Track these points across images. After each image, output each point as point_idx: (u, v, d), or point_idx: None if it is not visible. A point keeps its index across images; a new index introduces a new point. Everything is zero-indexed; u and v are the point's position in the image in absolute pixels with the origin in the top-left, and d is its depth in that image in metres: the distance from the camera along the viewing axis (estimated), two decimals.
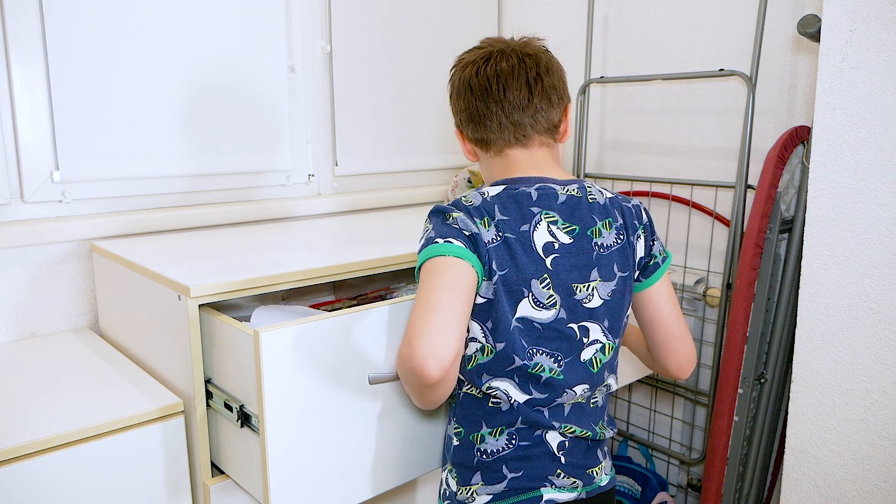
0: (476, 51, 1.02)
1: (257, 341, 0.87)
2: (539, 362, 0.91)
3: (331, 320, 0.94)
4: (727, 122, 1.63)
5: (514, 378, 0.91)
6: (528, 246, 0.90)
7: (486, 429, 0.93)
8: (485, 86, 0.97)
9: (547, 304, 0.91)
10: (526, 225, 0.91)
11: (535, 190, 0.94)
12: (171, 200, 1.49)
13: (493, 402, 0.93)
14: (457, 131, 1.05)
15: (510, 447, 0.92)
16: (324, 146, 1.74)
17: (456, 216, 0.90)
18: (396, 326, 0.99)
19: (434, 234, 0.90)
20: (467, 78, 0.99)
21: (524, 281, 0.90)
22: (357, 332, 0.96)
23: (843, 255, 1.11)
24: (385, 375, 0.98)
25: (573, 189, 0.95)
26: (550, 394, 0.92)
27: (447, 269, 0.86)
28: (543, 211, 0.92)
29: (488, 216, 0.90)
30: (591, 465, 0.96)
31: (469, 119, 0.99)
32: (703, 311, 1.70)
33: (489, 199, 0.92)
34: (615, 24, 1.83)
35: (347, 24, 1.73)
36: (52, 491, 0.92)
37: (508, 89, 0.96)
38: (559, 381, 0.92)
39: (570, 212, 0.94)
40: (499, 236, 0.90)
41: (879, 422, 1.11)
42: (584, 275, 0.93)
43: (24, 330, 1.33)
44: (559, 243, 0.92)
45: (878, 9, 1.03)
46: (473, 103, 0.98)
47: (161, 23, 1.42)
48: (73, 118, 1.34)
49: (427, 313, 0.83)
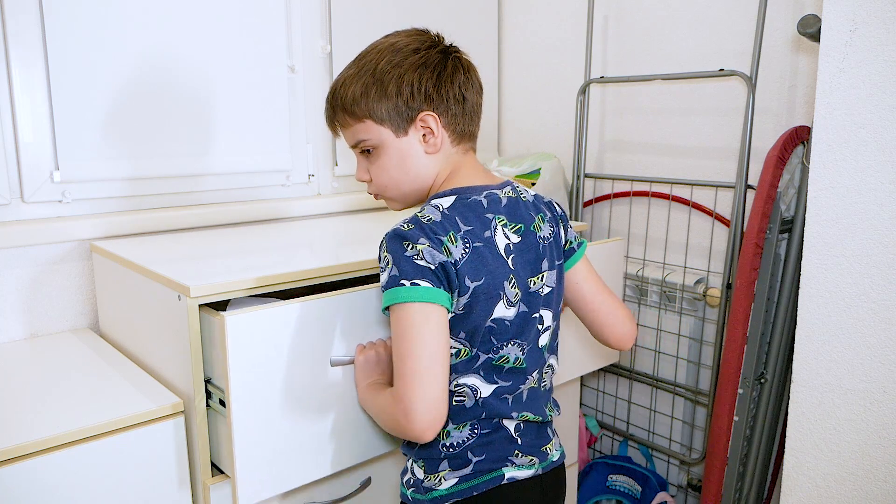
0: (419, 36, 0.98)
1: (222, 325, 0.92)
2: (505, 354, 0.93)
3: (294, 306, 0.98)
4: (727, 122, 1.63)
5: (480, 372, 0.93)
6: (495, 251, 0.92)
7: (451, 426, 0.94)
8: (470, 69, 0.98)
9: (514, 302, 0.93)
10: (487, 231, 0.92)
11: (483, 197, 0.95)
12: (171, 200, 1.49)
13: (458, 399, 0.94)
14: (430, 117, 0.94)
15: (474, 436, 0.94)
16: (324, 146, 1.74)
17: (420, 248, 0.86)
18: (356, 313, 1.04)
19: (398, 274, 0.86)
20: (456, 60, 0.96)
21: (499, 285, 0.91)
22: (319, 318, 1.00)
23: (843, 255, 1.11)
24: (344, 359, 1.03)
25: (508, 191, 0.98)
26: (514, 381, 0.95)
27: (425, 326, 0.85)
28: (496, 216, 0.94)
29: (453, 230, 0.89)
30: (544, 443, 1.00)
31: (464, 105, 0.96)
32: (703, 311, 1.69)
33: (446, 211, 0.91)
34: (615, 24, 1.83)
35: (347, 24, 1.73)
36: (52, 491, 0.92)
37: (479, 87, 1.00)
38: (522, 369, 0.95)
39: (513, 212, 0.96)
40: (467, 249, 0.89)
41: (879, 422, 1.11)
42: (536, 268, 0.96)
43: (24, 330, 1.33)
44: (513, 243, 0.94)
45: (878, 9, 1.03)
46: (469, 88, 0.96)
47: (161, 23, 1.42)
48: (73, 118, 1.34)
49: (420, 387, 0.85)
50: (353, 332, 1.04)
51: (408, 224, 0.89)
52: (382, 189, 1.01)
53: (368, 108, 0.94)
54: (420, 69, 0.93)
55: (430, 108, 0.94)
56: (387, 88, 0.93)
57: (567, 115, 1.96)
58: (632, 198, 1.84)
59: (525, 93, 2.08)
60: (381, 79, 0.93)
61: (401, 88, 0.93)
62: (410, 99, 0.93)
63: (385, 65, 0.94)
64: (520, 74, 2.08)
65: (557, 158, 1.87)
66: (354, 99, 0.95)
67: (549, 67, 2.00)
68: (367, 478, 1.22)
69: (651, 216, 1.80)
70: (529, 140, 2.08)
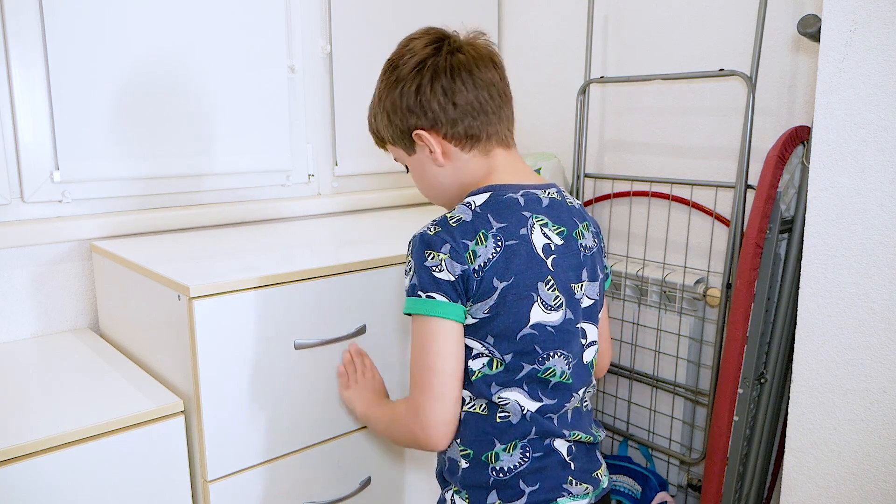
0: (429, 37, 0.93)
1: (190, 308, 0.97)
2: (551, 366, 0.89)
3: (262, 291, 1.04)
4: (727, 122, 1.63)
5: (524, 386, 0.88)
6: (530, 249, 0.88)
7: (499, 446, 0.88)
8: (483, 67, 0.90)
9: (554, 306, 0.89)
10: (523, 228, 0.88)
11: (520, 196, 0.91)
12: (170, 200, 1.49)
13: (502, 415, 0.88)
14: (423, 133, 0.91)
15: (525, 461, 0.88)
16: (324, 146, 1.74)
17: (442, 258, 0.84)
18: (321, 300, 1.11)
19: (417, 283, 0.86)
20: (461, 61, 0.89)
21: (531, 286, 0.87)
22: (286, 302, 1.07)
23: (843, 255, 1.11)
24: (308, 342, 1.09)
25: (552, 192, 0.94)
26: (560, 399, 0.90)
27: (442, 341, 0.86)
28: (534, 215, 0.90)
29: (483, 229, 0.86)
30: (596, 468, 0.95)
31: (467, 109, 0.89)
32: (703, 311, 1.69)
33: (478, 209, 0.88)
34: (615, 24, 1.83)
35: (347, 24, 1.73)
36: (53, 491, 0.91)
37: (503, 78, 0.93)
38: (568, 384, 0.90)
39: (556, 214, 0.92)
40: (498, 247, 0.86)
41: (879, 422, 1.11)
42: (577, 275, 0.92)
43: (24, 330, 1.33)
44: (554, 244, 0.90)
45: (878, 9, 1.03)
46: (472, 88, 0.89)
47: (161, 22, 1.42)
48: (73, 118, 1.34)
49: (438, 401, 0.87)
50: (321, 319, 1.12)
51: (434, 227, 0.87)
52: (426, 196, 1.03)
53: (382, 134, 0.98)
54: (400, 86, 0.91)
55: (419, 123, 0.92)
56: (382, 114, 0.95)
57: (567, 115, 1.96)
58: (632, 198, 1.84)
59: (525, 93, 2.08)
60: (379, 105, 0.96)
61: (390, 113, 0.93)
62: (399, 120, 0.93)
63: (380, 90, 0.96)
64: (520, 74, 2.08)
65: (557, 158, 1.87)
66: (372, 127, 1.00)
67: (549, 67, 2.00)
68: (366, 477, 1.22)
69: (651, 216, 1.80)
70: (529, 140, 2.08)
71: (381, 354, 1.20)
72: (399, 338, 1.23)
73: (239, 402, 1.05)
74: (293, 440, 1.12)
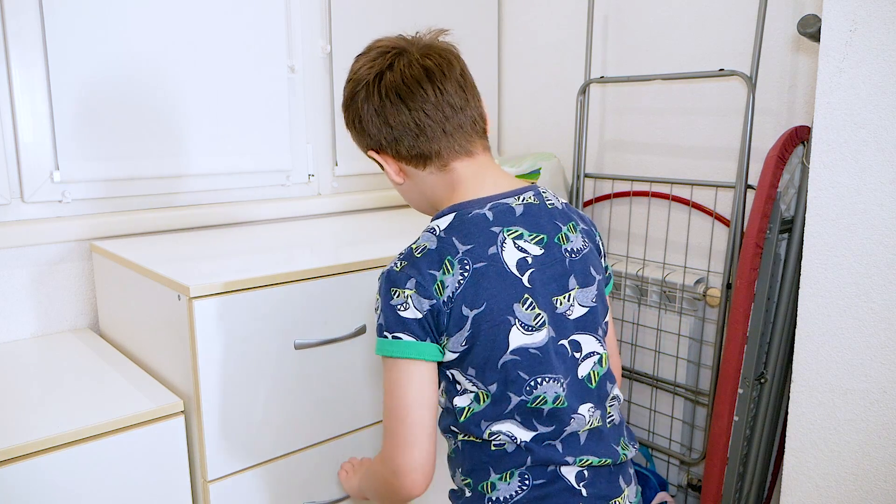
0: (375, 51, 0.88)
1: (190, 308, 0.97)
2: (541, 394, 0.83)
3: (262, 291, 1.05)
4: (727, 122, 1.63)
5: (515, 417, 0.83)
6: (501, 269, 0.82)
7: (494, 475, 0.84)
8: (414, 87, 0.85)
9: (536, 326, 0.83)
10: (493, 247, 0.82)
11: (487, 210, 0.85)
12: (170, 200, 1.49)
13: (496, 445, 0.84)
14: (373, 153, 0.90)
15: (524, 489, 0.83)
16: (324, 146, 1.74)
17: (407, 295, 0.80)
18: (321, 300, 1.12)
19: (384, 323, 0.82)
20: (389, 82, 0.85)
21: (506, 309, 0.81)
22: (286, 302, 1.08)
23: (843, 255, 1.11)
24: (308, 342, 1.10)
25: (529, 197, 0.88)
26: (557, 425, 0.84)
27: (407, 386, 0.82)
28: (504, 228, 0.84)
29: (449, 255, 0.81)
30: (616, 494, 0.86)
31: (404, 131, 0.85)
32: (703, 311, 1.69)
33: (443, 234, 0.83)
34: (615, 24, 1.83)
35: (347, 24, 1.73)
36: (53, 491, 0.92)
37: (445, 91, 0.85)
38: (563, 408, 0.84)
39: (533, 221, 0.86)
40: (465, 273, 0.81)
41: (879, 422, 1.11)
42: (561, 285, 0.86)
43: (24, 330, 1.33)
44: (532, 256, 0.84)
45: (878, 9, 1.03)
46: (404, 110, 0.85)
47: (161, 23, 1.42)
48: (73, 118, 1.34)
49: (406, 447, 0.82)
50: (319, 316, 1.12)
51: (400, 262, 0.83)
52: None
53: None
54: (346, 110, 0.90)
55: (369, 143, 0.90)
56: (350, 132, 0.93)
57: (567, 115, 1.96)
58: (632, 198, 1.84)
59: (525, 93, 2.08)
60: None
61: (350, 132, 0.92)
62: (356, 139, 0.92)
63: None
64: (520, 74, 2.08)
65: (557, 158, 1.87)
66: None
67: (549, 67, 2.00)
68: None
69: (651, 216, 1.80)
70: (529, 140, 2.08)
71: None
72: None
73: (239, 402, 1.05)
74: (293, 440, 1.12)
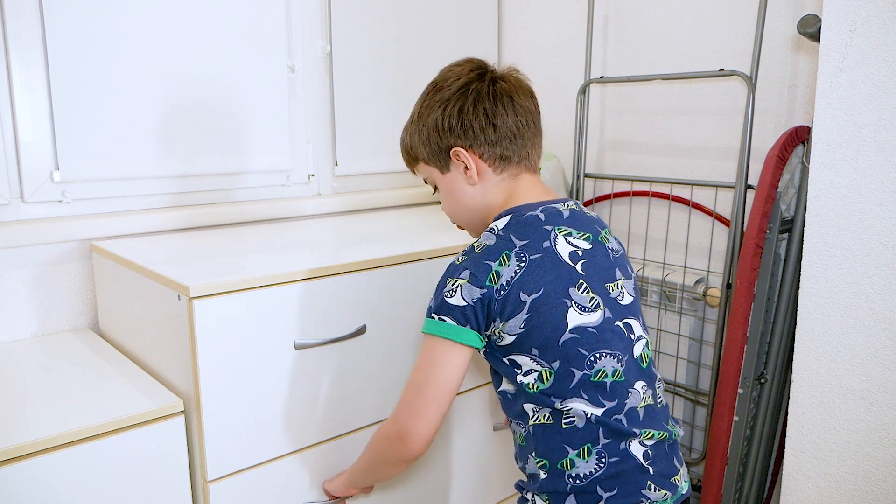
0: (469, 65, 0.99)
1: (190, 308, 0.97)
2: (601, 367, 0.90)
3: (262, 291, 1.05)
4: (727, 122, 1.63)
5: (581, 394, 0.90)
6: (556, 259, 0.92)
7: (572, 452, 0.90)
8: (521, 98, 0.97)
9: (591, 307, 0.91)
10: (546, 241, 0.92)
11: (539, 212, 0.95)
12: (170, 200, 1.49)
13: (567, 421, 0.90)
14: (462, 150, 0.97)
15: (602, 467, 0.89)
16: (324, 146, 1.74)
17: (460, 284, 0.90)
18: (321, 300, 1.11)
19: (433, 306, 0.92)
20: (503, 88, 0.96)
21: (563, 293, 0.90)
22: (286, 302, 1.07)
23: (843, 255, 1.11)
24: (308, 342, 1.10)
25: (571, 205, 0.99)
26: (619, 399, 0.91)
27: (442, 363, 0.91)
28: (556, 227, 0.94)
29: (507, 249, 0.91)
30: (674, 472, 0.94)
31: (506, 133, 0.96)
32: (703, 311, 1.69)
33: (501, 232, 0.94)
34: (615, 24, 1.83)
35: (347, 24, 1.73)
36: (53, 491, 0.92)
37: (529, 108, 0.98)
38: (621, 382, 0.91)
39: (579, 223, 0.96)
40: (521, 264, 0.90)
41: (879, 422, 1.11)
42: (610, 274, 0.95)
43: (24, 330, 1.33)
44: (581, 250, 0.94)
45: (878, 9, 1.03)
46: (511, 115, 0.96)
47: (161, 22, 1.42)
48: (73, 118, 1.34)
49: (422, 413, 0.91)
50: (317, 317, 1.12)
51: (462, 257, 0.93)
52: (452, 219, 1.07)
53: (416, 152, 1.03)
54: (443, 106, 0.97)
55: (458, 142, 0.97)
56: (421, 132, 1.00)
57: (567, 115, 1.96)
58: (632, 198, 1.84)
59: None
60: (418, 123, 1.01)
61: (430, 130, 0.99)
62: (438, 138, 0.98)
63: (420, 109, 1.01)
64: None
65: (557, 158, 1.87)
66: (406, 145, 1.05)
67: (549, 67, 2.00)
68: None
69: (651, 216, 1.80)
70: None
71: (380, 354, 1.20)
72: (399, 337, 1.23)
73: (239, 402, 1.05)
74: (293, 440, 1.12)
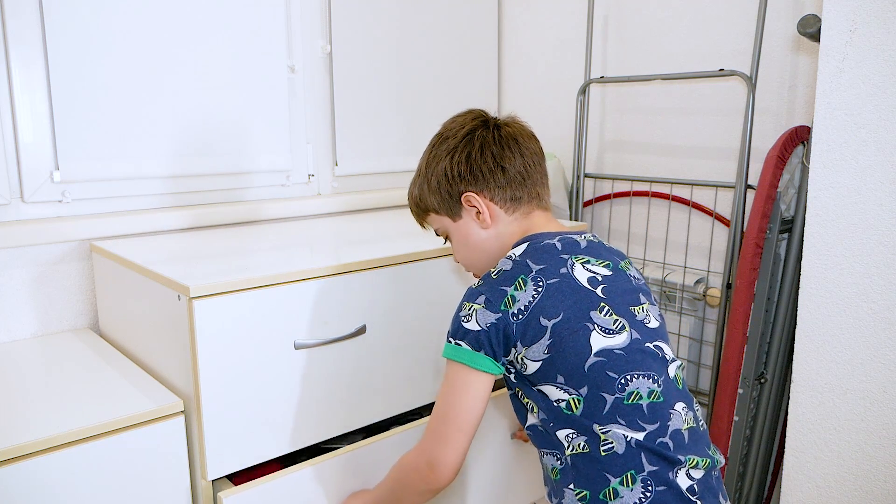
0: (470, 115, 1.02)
1: (190, 308, 0.97)
2: (634, 389, 0.86)
3: (262, 291, 1.05)
4: (727, 122, 1.63)
5: (617, 419, 0.85)
6: (574, 284, 0.90)
7: (614, 481, 0.85)
8: (524, 141, 1.00)
9: (616, 329, 0.88)
10: (563, 268, 0.91)
11: (557, 241, 0.95)
12: (170, 200, 1.49)
13: (606, 447, 0.85)
14: (473, 195, 0.98)
15: (648, 495, 0.84)
16: (324, 146, 1.74)
17: (475, 309, 0.90)
18: (321, 300, 1.11)
19: (451, 329, 0.92)
20: (507, 133, 0.99)
21: (583, 316, 0.88)
22: (286, 302, 1.07)
23: (843, 255, 1.11)
24: (308, 342, 1.10)
25: (588, 236, 0.99)
26: (661, 421, 0.86)
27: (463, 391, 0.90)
28: (573, 255, 0.93)
29: (523, 274, 0.90)
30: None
31: (515, 176, 0.98)
32: (703, 311, 1.69)
33: (518, 258, 0.93)
34: (615, 24, 1.83)
35: (347, 24, 1.73)
36: (52, 491, 0.91)
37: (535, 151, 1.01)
38: (660, 403, 0.87)
39: (597, 252, 0.96)
40: (539, 289, 0.89)
41: (879, 422, 1.11)
42: (634, 298, 0.93)
43: (24, 330, 1.33)
44: (601, 276, 0.92)
45: (878, 9, 1.03)
46: (519, 157, 0.98)
47: (161, 22, 1.42)
48: (73, 118, 1.34)
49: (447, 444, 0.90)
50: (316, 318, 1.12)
51: (479, 282, 0.94)
52: (466, 267, 1.07)
53: (426, 203, 1.04)
54: (451, 154, 0.99)
55: (468, 188, 0.99)
56: (430, 182, 1.02)
57: (567, 115, 1.96)
58: (632, 198, 1.84)
59: (525, 93, 2.08)
60: (426, 175, 1.03)
61: (440, 179, 1.00)
62: (448, 186, 1.00)
63: (428, 160, 1.03)
64: (520, 74, 2.08)
65: (557, 158, 1.87)
66: (414, 198, 1.06)
67: (549, 67, 2.00)
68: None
69: (651, 216, 1.80)
70: None
71: (380, 354, 1.20)
72: (399, 337, 1.23)
73: (239, 402, 1.05)
74: (293, 440, 1.12)
